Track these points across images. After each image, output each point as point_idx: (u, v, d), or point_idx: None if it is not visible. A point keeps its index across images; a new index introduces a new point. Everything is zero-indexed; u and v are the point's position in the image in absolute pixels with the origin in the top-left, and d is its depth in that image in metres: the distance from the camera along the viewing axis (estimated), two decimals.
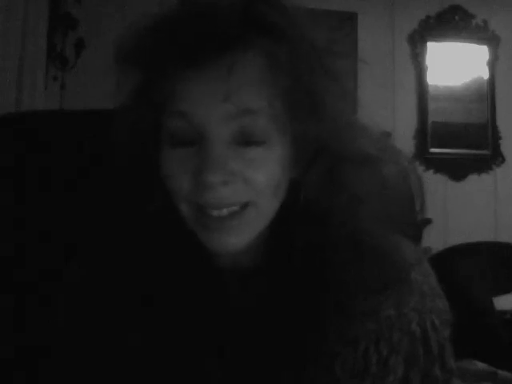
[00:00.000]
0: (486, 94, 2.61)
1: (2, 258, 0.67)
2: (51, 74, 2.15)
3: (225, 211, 0.46)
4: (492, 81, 2.63)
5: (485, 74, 2.63)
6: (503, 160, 2.62)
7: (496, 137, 2.61)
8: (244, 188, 0.46)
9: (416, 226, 0.56)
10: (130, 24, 0.49)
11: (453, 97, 2.59)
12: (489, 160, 2.61)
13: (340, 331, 0.46)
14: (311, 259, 0.48)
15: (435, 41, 2.63)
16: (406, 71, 2.60)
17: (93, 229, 0.56)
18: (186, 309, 0.51)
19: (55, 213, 0.66)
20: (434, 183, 2.49)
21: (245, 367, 0.49)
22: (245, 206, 0.47)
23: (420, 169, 2.43)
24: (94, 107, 0.71)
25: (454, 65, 2.63)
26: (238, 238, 0.47)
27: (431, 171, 2.54)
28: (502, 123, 2.63)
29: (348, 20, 2.49)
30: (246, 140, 0.46)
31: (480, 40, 2.64)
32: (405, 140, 2.49)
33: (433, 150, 2.55)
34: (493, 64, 2.64)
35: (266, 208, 0.48)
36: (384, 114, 2.36)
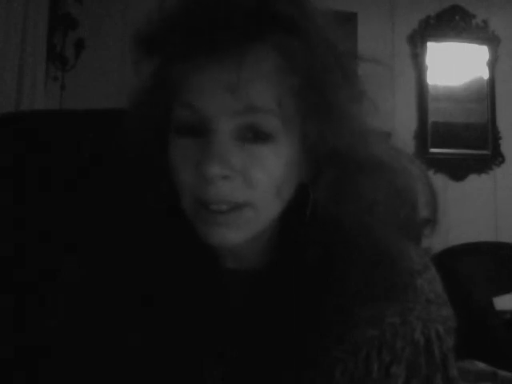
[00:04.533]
0: (486, 94, 2.61)
1: (2, 257, 0.67)
2: (51, 74, 2.15)
3: (224, 207, 0.46)
4: (492, 81, 2.62)
5: (485, 74, 2.63)
6: (503, 160, 2.62)
7: (496, 137, 2.61)
8: (244, 187, 0.46)
9: (417, 227, 0.55)
10: (149, 10, 0.48)
11: (453, 97, 2.59)
12: (489, 160, 2.60)
13: (340, 335, 0.45)
14: (317, 262, 0.48)
15: (435, 41, 2.62)
16: (406, 71, 2.59)
17: (93, 229, 0.56)
18: (186, 309, 0.51)
19: (55, 213, 0.66)
20: (434, 183, 2.49)
21: (245, 367, 0.49)
22: (243, 205, 0.46)
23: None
24: (94, 107, 0.71)
25: (454, 65, 2.62)
26: (236, 233, 0.47)
27: (431, 171, 2.54)
28: (501, 123, 2.62)
29: (348, 20, 2.49)
30: (251, 137, 0.46)
31: (480, 40, 2.64)
32: (405, 140, 2.49)
33: (433, 149, 2.55)
34: (493, 64, 2.64)
35: (265, 209, 0.48)
36: (384, 114, 2.34)
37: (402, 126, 2.49)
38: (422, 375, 0.44)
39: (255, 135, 0.46)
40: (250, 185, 0.46)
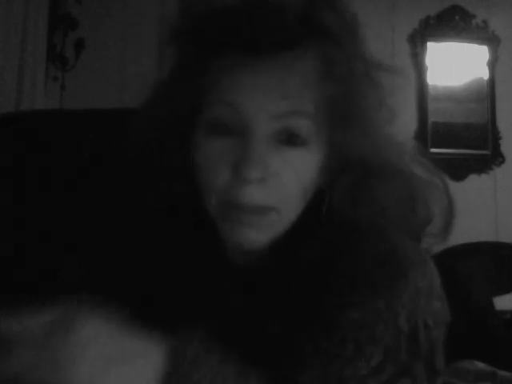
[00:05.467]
0: (486, 94, 2.60)
1: (2, 257, 0.67)
2: (51, 74, 2.15)
3: (251, 207, 0.46)
4: (492, 81, 2.62)
5: (485, 75, 2.63)
6: (503, 160, 2.61)
7: (496, 137, 2.61)
8: (274, 190, 0.46)
9: (421, 228, 0.55)
10: (188, 3, 0.48)
11: (453, 97, 2.58)
12: (489, 160, 2.60)
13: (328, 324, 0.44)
14: (318, 261, 0.48)
15: (435, 41, 2.62)
16: (406, 71, 2.59)
17: (93, 229, 0.56)
18: (186, 309, 0.51)
19: (55, 213, 0.66)
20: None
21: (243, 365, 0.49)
22: (269, 209, 0.47)
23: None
24: (94, 107, 0.71)
25: (454, 65, 2.62)
26: (258, 234, 0.47)
27: None
28: (501, 123, 2.62)
29: None
30: (287, 139, 0.46)
31: (480, 40, 2.64)
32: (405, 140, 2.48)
33: (433, 150, 2.55)
34: (493, 64, 2.64)
35: (289, 213, 0.48)
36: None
37: (402, 126, 2.49)
38: (399, 361, 0.43)
39: (289, 138, 0.46)
40: (281, 188, 0.46)
